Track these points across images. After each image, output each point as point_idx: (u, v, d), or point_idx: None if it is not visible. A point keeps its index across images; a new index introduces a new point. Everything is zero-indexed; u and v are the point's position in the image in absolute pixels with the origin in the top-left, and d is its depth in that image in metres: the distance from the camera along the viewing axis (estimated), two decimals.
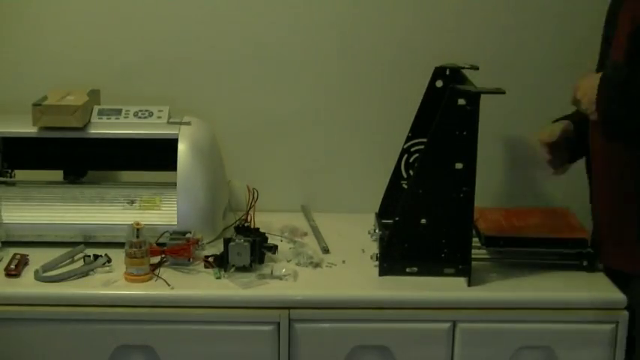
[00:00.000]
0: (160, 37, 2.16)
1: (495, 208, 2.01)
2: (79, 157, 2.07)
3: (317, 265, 1.86)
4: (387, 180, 2.02)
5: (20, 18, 2.14)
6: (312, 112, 2.21)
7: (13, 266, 1.77)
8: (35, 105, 1.91)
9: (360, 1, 2.15)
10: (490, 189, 2.12)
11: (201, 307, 1.71)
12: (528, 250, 1.85)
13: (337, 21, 2.15)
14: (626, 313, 1.70)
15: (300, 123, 2.21)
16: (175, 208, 1.91)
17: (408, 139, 1.97)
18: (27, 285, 1.74)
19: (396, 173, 2.00)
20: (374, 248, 1.89)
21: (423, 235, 1.77)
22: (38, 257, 1.82)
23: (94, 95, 2.06)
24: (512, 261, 1.85)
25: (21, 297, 1.71)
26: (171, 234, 1.87)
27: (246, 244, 1.78)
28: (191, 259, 1.83)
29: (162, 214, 1.93)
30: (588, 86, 1.64)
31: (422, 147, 1.90)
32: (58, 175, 2.09)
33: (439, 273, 1.78)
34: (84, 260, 1.82)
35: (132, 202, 1.96)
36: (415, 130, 1.96)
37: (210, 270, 1.80)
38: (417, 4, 2.15)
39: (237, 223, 1.94)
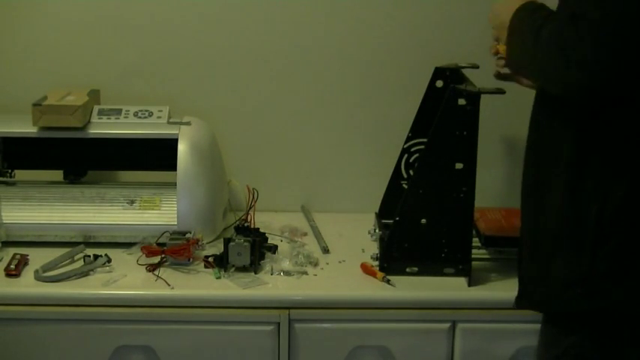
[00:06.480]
0: (160, 37, 2.15)
1: (495, 208, 2.01)
2: (79, 157, 2.07)
3: (317, 265, 1.86)
4: (387, 180, 2.02)
5: (20, 18, 2.14)
6: (312, 112, 2.21)
7: (13, 266, 1.77)
8: (35, 105, 1.91)
9: (360, 1, 2.14)
10: (490, 189, 2.12)
11: (201, 307, 1.71)
12: None
13: (337, 21, 2.15)
14: None
15: (300, 123, 2.21)
16: (175, 208, 1.91)
17: (408, 139, 1.97)
18: (27, 285, 1.74)
19: (396, 173, 2.00)
20: (374, 248, 1.89)
21: (423, 235, 1.77)
22: (38, 257, 1.82)
23: (94, 95, 2.06)
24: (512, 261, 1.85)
25: (21, 297, 1.71)
26: (171, 234, 1.87)
27: (246, 244, 1.78)
28: (191, 259, 1.83)
29: (162, 214, 1.93)
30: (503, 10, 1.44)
31: (422, 147, 1.90)
32: (58, 175, 2.09)
33: (439, 273, 1.78)
34: (84, 260, 1.82)
35: (132, 202, 1.96)
36: (415, 130, 1.96)
37: (210, 270, 1.80)
38: (417, 4, 2.15)
39: (237, 223, 1.94)
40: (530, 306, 1.52)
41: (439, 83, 1.93)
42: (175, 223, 1.90)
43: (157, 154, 2.00)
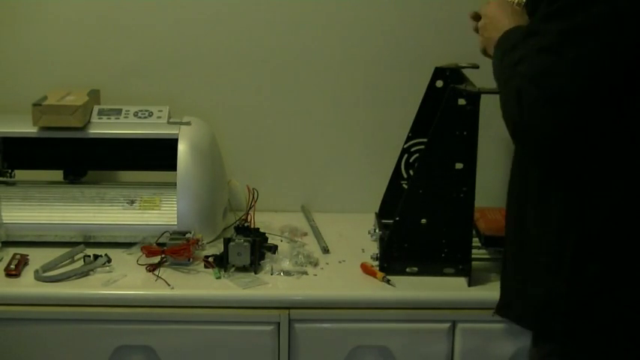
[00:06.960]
0: (160, 37, 2.15)
1: (495, 208, 2.01)
2: (79, 157, 2.07)
3: (316, 264, 1.86)
4: (387, 180, 2.02)
5: (20, 18, 2.14)
6: (312, 112, 2.21)
7: (13, 266, 1.77)
8: (35, 105, 1.91)
9: (360, 1, 2.14)
10: (490, 189, 2.11)
11: (201, 307, 1.71)
12: None
13: (337, 21, 2.15)
14: None
15: (299, 123, 2.21)
16: (175, 208, 1.91)
17: (408, 139, 1.97)
18: (27, 285, 1.74)
19: (396, 173, 2.00)
20: (374, 248, 1.89)
21: (423, 235, 1.77)
22: (38, 257, 1.82)
23: (94, 95, 2.06)
24: None
25: (21, 297, 1.71)
26: (171, 234, 1.87)
27: (246, 244, 1.78)
28: (191, 259, 1.83)
29: (162, 214, 1.93)
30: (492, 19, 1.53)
31: (422, 147, 1.90)
32: (58, 175, 2.09)
33: (439, 273, 1.78)
34: (84, 260, 1.82)
35: (132, 202, 1.96)
36: (415, 130, 1.96)
37: (210, 270, 1.80)
38: (416, 4, 2.15)
39: (237, 223, 1.94)
40: (509, 318, 1.53)
41: (439, 83, 1.93)
42: (175, 223, 1.90)
43: (157, 154, 2.00)
